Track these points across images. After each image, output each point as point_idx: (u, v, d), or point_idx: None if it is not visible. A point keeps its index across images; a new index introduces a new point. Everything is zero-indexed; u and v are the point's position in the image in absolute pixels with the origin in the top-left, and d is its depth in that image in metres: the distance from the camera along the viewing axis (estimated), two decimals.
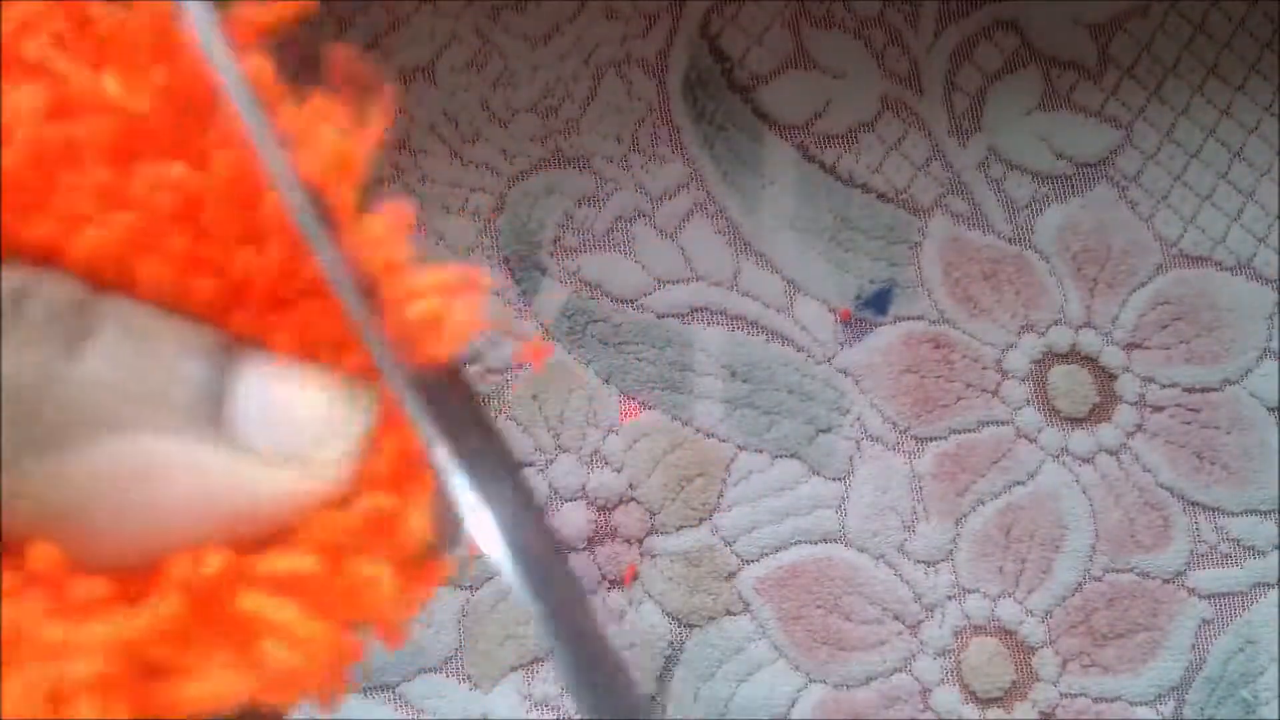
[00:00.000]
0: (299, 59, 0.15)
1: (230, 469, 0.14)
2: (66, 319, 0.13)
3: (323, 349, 0.15)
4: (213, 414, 0.14)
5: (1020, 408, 0.56)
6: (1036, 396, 0.56)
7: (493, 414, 0.56)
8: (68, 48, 0.14)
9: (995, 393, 0.56)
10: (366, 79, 0.15)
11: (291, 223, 0.14)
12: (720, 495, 0.55)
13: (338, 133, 0.14)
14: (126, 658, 0.13)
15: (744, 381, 0.55)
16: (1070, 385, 0.56)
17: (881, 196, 0.57)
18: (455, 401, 0.15)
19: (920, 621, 0.54)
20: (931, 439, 0.55)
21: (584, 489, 0.54)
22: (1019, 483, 0.55)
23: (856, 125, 0.58)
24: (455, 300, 0.15)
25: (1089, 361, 0.56)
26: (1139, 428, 0.56)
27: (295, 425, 0.14)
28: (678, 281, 0.56)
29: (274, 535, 0.14)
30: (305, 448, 0.14)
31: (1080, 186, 0.58)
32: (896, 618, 0.54)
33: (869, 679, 0.54)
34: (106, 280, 0.14)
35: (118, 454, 0.13)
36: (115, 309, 0.14)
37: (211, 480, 0.13)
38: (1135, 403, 0.56)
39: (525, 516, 0.15)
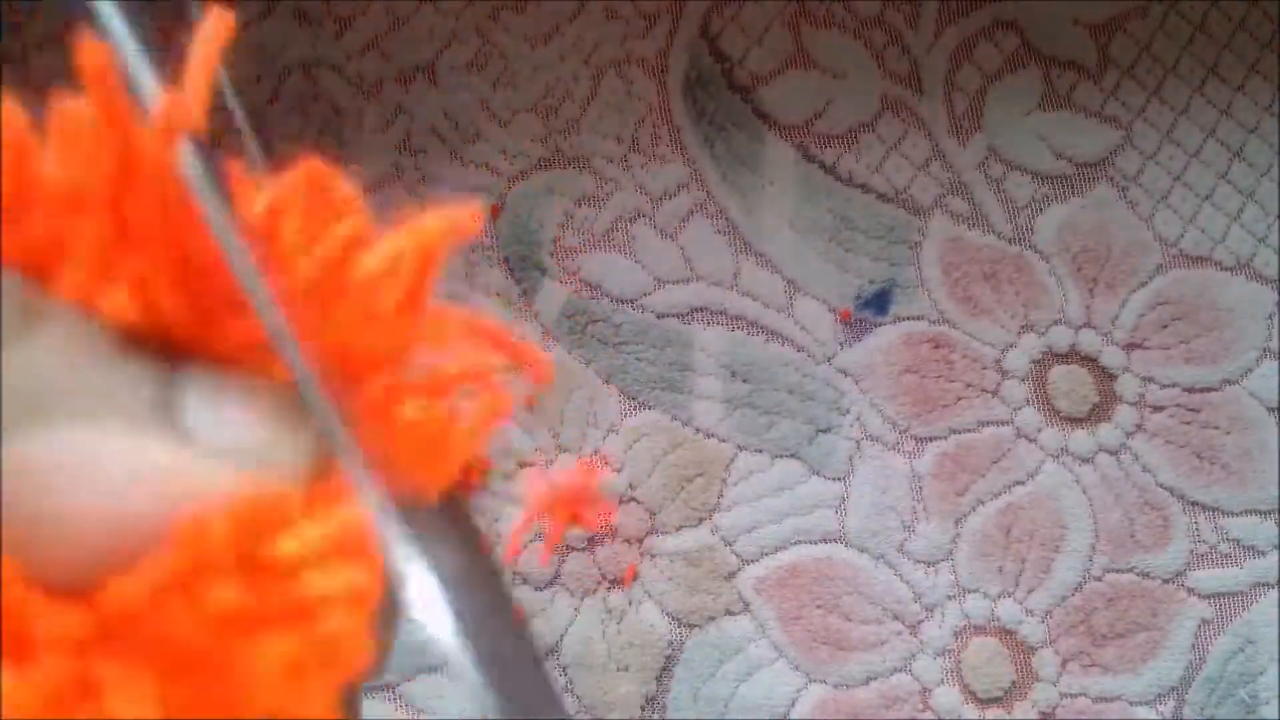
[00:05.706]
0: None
1: (176, 462, 0.13)
2: (10, 312, 0.13)
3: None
4: (158, 412, 0.13)
5: (1020, 408, 0.56)
6: (1036, 396, 0.56)
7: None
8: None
9: (995, 393, 0.56)
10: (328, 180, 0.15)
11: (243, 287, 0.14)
12: (720, 495, 0.55)
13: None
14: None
15: (744, 381, 0.55)
16: (1070, 385, 0.56)
17: (881, 196, 0.57)
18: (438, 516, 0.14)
19: (920, 621, 0.54)
20: (931, 439, 0.55)
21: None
22: (1019, 483, 0.55)
23: (856, 125, 0.58)
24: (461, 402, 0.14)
25: (1089, 361, 0.56)
26: (1139, 428, 0.56)
27: (246, 426, 0.14)
28: (678, 281, 0.56)
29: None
30: (256, 446, 0.14)
31: (1080, 186, 0.58)
32: (896, 618, 0.54)
33: (869, 679, 0.54)
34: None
35: (55, 445, 0.12)
36: (61, 312, 0.13)
37: (157, 473, 0.13)
38: (1135, 403, 0.56)
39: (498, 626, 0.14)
